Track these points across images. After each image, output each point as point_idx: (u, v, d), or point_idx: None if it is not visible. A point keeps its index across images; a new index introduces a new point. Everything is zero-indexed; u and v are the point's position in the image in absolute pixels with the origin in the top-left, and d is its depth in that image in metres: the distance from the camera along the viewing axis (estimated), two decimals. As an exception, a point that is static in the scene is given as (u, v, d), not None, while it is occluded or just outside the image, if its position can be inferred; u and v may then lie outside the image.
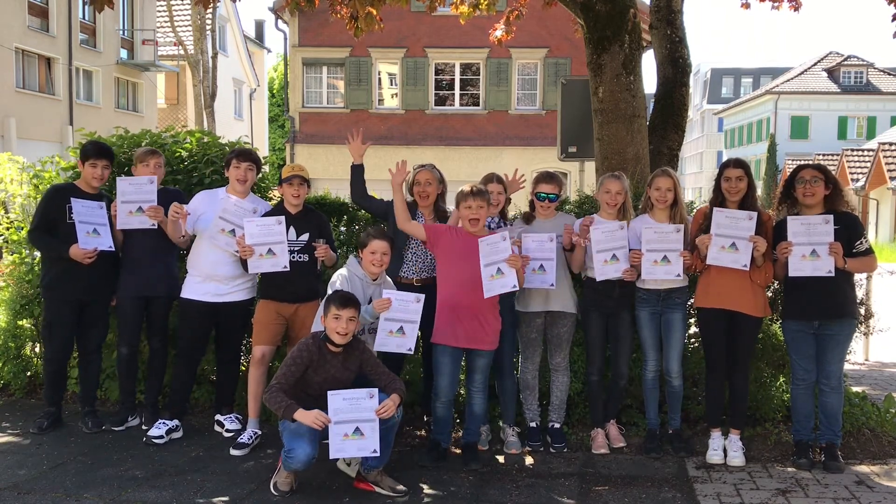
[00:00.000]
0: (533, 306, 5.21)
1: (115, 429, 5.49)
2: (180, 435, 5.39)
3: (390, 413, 4.36)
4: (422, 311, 4.76)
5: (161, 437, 5.26)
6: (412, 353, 4.86)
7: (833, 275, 4.72)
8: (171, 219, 5.21)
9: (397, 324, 4.74)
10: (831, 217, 4.76)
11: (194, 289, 5.33)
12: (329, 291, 4.76)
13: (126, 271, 5.44)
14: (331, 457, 4.34)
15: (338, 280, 4.86)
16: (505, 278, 4.72)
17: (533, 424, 5.35)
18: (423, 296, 4.81)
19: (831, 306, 4.83)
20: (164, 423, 5.35)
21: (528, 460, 5.08)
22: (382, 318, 4.73)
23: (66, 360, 5.59)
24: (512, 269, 4.70)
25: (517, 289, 4.78)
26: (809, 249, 4.74)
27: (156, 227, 5.29)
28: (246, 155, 5.35)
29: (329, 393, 4.32)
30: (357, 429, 4.29)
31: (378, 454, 4.33)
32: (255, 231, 5.04)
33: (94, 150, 5.39)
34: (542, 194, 5.22)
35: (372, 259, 4.82)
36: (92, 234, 5.26)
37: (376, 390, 4.38)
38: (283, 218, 5.08)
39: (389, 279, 5.06)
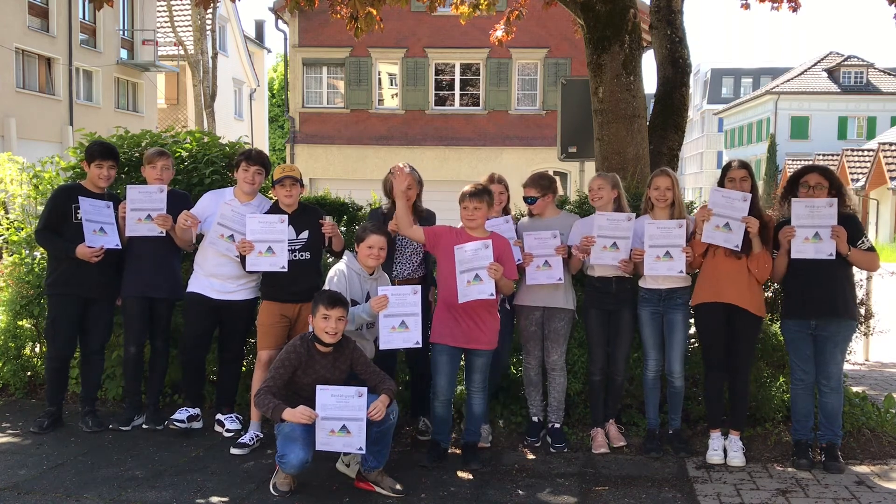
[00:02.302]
0: (531, 300, 5.24)
1: (122, 428, 5.50)
2: (201, 425, 5.45)
3: (381, 415, 4.34)
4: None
5: (182, 420, 5.32)
6: (420, 345, 4.81)
7: (834, 258, 4.73)
8: (180, 226, 5.26)
9: (398, 319, 4.71)
10: (836, 200, 4.78)
11: (200, 283, 5.36)
12: (326, 287, 4.77)
13: (130, 272, 5.45)
14: (316, 448, 4.33)
15: (335, 276, 4.86)
16: (483, 285, 4.68)
17: (535, 419, 5.37)
18: (419, 287, 4.80)
19: (829, 305, 4.83)
20: (186, 409, 5.41)
21: (528, 460, 5.08)
22: (382, 316, 4.71)
23: (69, 360, 5.61)
24: (491, 278, 4.68)
25: (493, 297, 4.75)
26: (812, 232, 4.76)
27: (164, 234, 5.32)
28: (255, 158, 5.35)
29: (318, 387, 4.32)
30: (344, 426, 4.28)
31: (364, 451, 4.32)
32: (257, 227, 5.05)
33: (99, 150, 5.41)
34: (525, 198, 5.37)
35: (369, 253, 4.82)
36: (99, 233, 5.28)
37: (365, 389, 4.36)
38: (286, 217, 5.09)
39: (385, 275, 5.06)
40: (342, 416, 4.28)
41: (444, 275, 4.88)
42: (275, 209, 5.27)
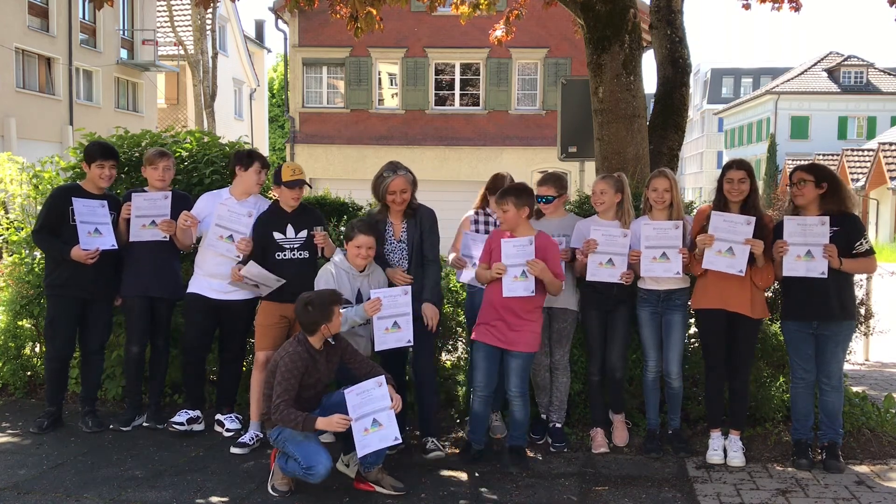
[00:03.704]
0: None
1: (123, 429, 5.50)
2: (202, 427, 5.44)
3: (400, 406, 4.35)
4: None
5: (182, 423, 5.33)
6: (412, 344, 4.85)
7: (826, 276, 4.72)
8: (180, 227, 5.27)
9: (391, 320, 4.76)
10: (828, 219, 4.75)
11: (200, 284, 5.37)
12: (316, 288, 4.77)
13: (130, 272, 5.46)
14: (358, 455, 4.30)
15: (323, 277, 4.87)
16: (528, 282, 4.69)
17: (543, 416, 5.38)
18: (409, 287, 4.83)
19: (829, 307, 4.82)
20: (186, 412, 5.42)
21: (528, 459, 5.07)
22: (375, 318, 4.73)
23: (69, 359, 5.61)
24: (531, 275, 4.66)
25: (533, 294, 4.72)
26: (804, 250, 4.74)
27: (167, 239, 5.35)
28: (254, 158, 5.37)
29: (345, 392, 4.32)
30: (374, 420, 4.27)
31: (400, 440, 4.31)
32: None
33: (100, 150, 5.41)
34: (540, 197, 5.29)
35: (357, 253, 4.83)
36: (94, 234, 5.28)
37: (383, 378, 4.38)
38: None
39: (379, 268, 5.03)
40: (371, 411, 4.27)
41: None
42: (274, 208, 5.28)
